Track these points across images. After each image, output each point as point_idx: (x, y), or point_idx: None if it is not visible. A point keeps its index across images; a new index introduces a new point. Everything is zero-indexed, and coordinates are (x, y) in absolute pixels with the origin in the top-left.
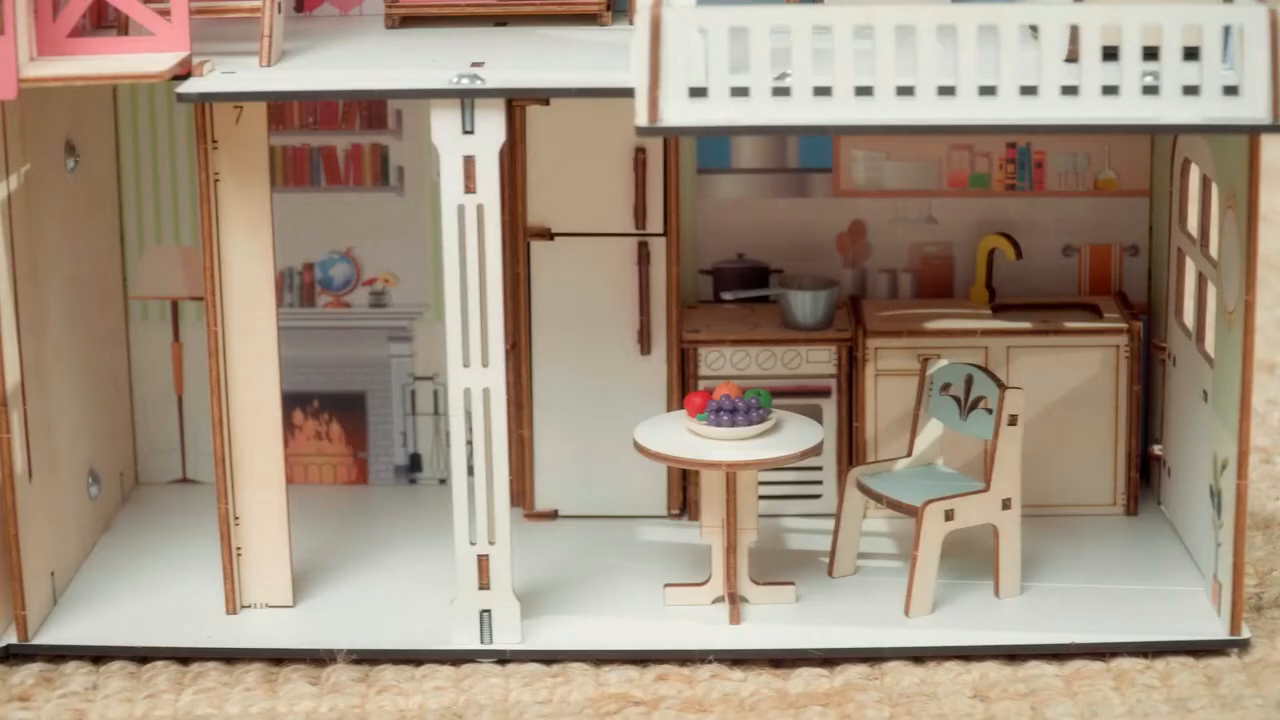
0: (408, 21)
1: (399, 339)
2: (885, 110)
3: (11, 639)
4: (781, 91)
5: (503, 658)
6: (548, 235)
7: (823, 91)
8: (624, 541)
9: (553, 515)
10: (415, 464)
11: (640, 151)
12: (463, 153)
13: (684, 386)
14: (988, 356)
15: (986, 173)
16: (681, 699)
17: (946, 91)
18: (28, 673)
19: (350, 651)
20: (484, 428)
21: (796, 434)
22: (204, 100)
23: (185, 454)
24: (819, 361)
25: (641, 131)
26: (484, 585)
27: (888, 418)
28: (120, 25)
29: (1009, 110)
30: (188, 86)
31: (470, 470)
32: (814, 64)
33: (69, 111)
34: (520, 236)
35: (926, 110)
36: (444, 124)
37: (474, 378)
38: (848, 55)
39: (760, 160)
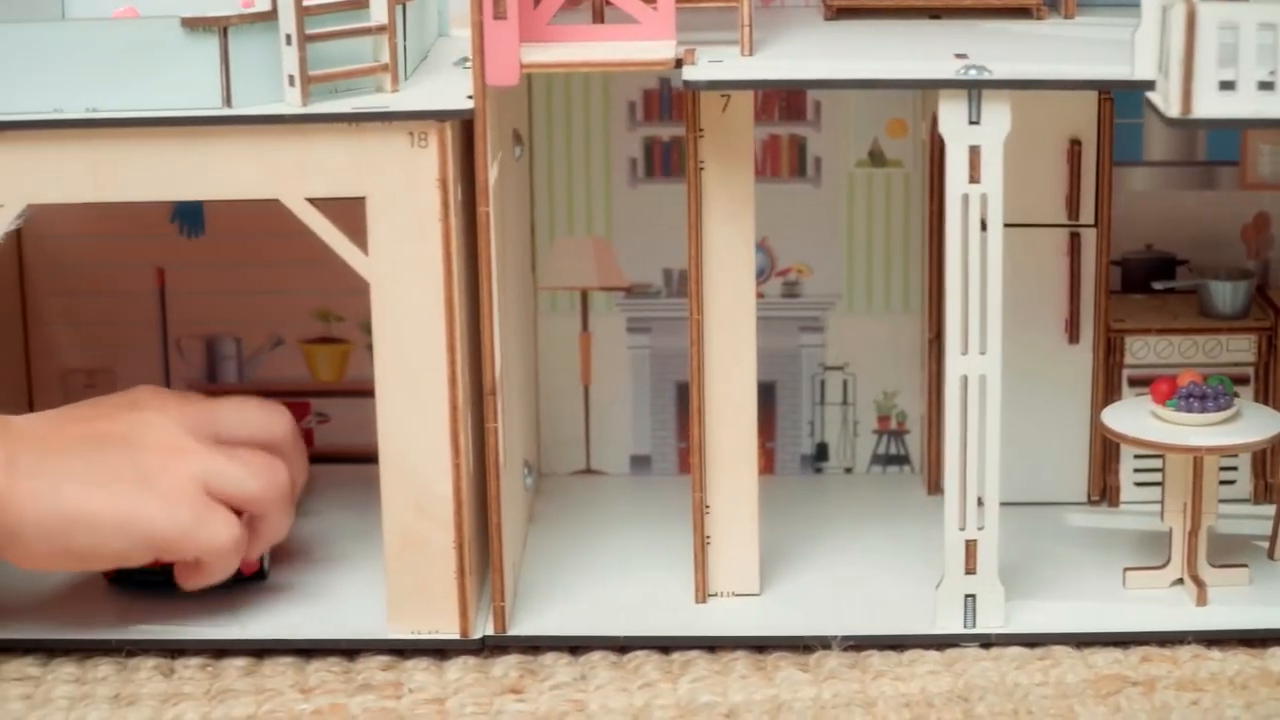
0: (843, 13)
1: (810, 329)
2: None
3: (487, 630)
4: None
5: (986, 641)
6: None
7: None
8: (1053, 527)
9: None
10: (821, 453)
11: (1075, 144)
12: (969, 143)
13: (1109, 375)
14: None
15: None
16: (1174, 679)
17: None
18: (507, 665)
19: (843, 638)
20: (979, 414)
21: (1259, 420)
22: (713, 88)
23: (590, 445)
24: (1239, 350)
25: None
26: (970, 570)
27: None
28: (595, 13)
29: None
30: (691, 74)
31: (963, 455)
32: None
33: (514, 101)
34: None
35: None
36: (951, 115)
37: (971, 365)
38: None
39: (1171, 153)
